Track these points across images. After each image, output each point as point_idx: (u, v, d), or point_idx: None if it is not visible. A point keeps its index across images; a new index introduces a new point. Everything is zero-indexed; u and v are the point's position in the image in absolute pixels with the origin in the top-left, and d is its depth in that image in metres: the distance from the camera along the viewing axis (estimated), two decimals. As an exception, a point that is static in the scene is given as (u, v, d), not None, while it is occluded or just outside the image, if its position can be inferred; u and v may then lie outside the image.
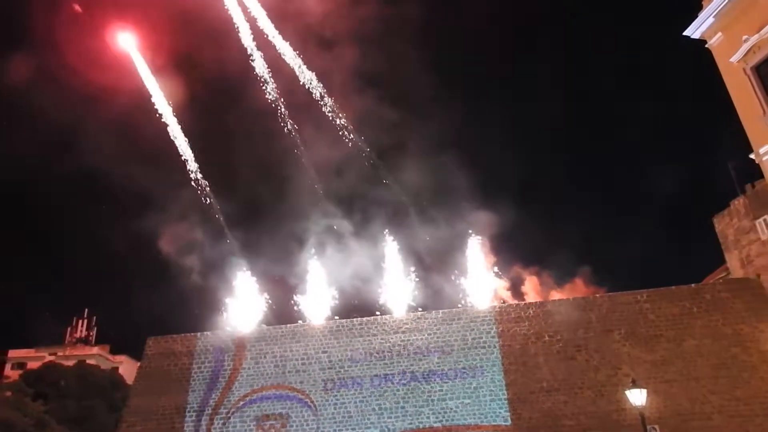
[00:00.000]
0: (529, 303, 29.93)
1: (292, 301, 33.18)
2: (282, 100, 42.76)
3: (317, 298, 33.11)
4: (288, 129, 42.90)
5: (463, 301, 31.52)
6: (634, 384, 21.55)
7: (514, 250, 37.54)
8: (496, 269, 34.35)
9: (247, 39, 41.70)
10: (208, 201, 40.03)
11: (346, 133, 43.25)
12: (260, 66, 42.06)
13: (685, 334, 26.94)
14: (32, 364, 33.23)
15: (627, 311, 27.82)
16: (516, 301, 36.36)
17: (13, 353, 32.20)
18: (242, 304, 33.25)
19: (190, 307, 35.27)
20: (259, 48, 42.27)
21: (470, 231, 35.76)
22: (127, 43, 40.58)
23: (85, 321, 30.77)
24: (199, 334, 31.20)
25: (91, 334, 31.09)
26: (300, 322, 31.65)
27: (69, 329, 30.50)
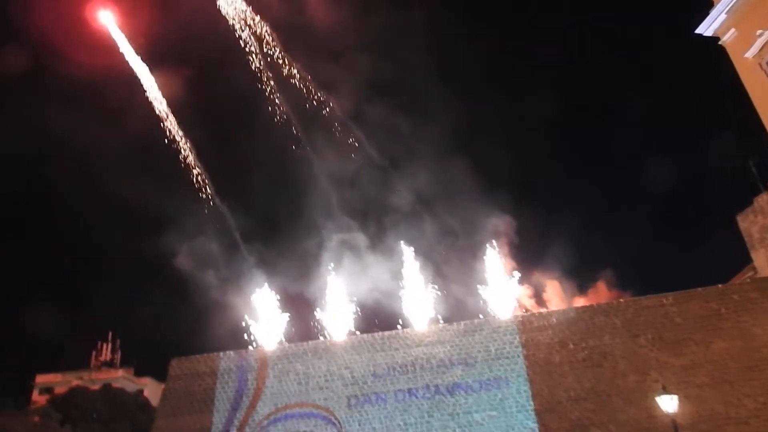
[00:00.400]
0: (552, 311, 29.52)
1: (313, 317, 33.22)
2: (292, 111, 43.10)
3: (338, 313, 33.07)
4: (300, 141, 43.18)
5: (484, 311, 31.21)
6: (665, 390, 21.09)
7: (533, 255, 37.12)
8: (516, 276, 33.97)
9: (257, 53, 42.23)
10: (224, 217, 40.40)
11: (357, 143, 43.45)
12: (270, 78, 42.49)
13: (714, 337, 26.29)
14: (59, 389, 33.63)
15: (653, 315, 27.27)
16: (538, 309, 35.92)
17: (40, 378, 32.66)
18: (263, 322, 33.34)
19: (211, 325, 35.41)
20: (269, 62, 42.72)
21: (488, 237, 35.62)
22: (140, 67, 41.34)
23: (110, 344, 31.14)
24: (221, 353, 31.29)
25: (115, 357, 31.47)
26: (321, 338, 31.63)
27: (94, 353, 30.91)
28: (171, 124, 41.82)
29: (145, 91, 41.47)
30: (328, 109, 43.01)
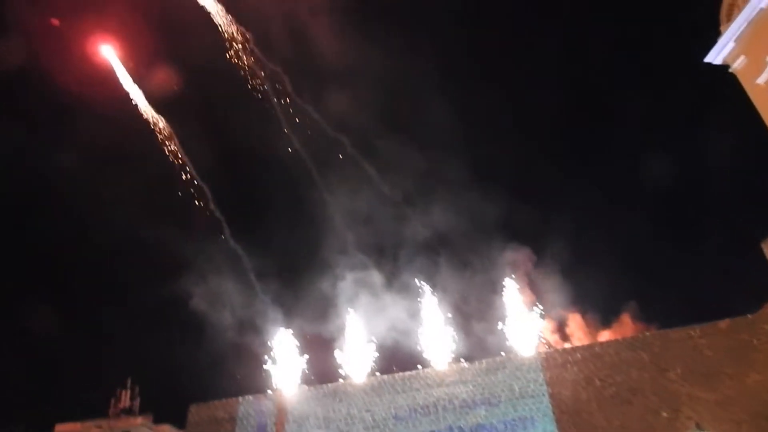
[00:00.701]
0: (576, 346, 28.77)
1: (332, 358, 32.75)
2: (306, 150, 43.59)
3: (356, 354, 32.59)
4: (314, 179, 43.49)
5: (506, 348, 30.48)
6: (699, 427, 20.22)
7: (553, 287, 36.29)
8: (537, 310, 33.20)
9: (270, 94, 43.08)
10: (240, 258, 40.46)
11: (370, 179, 43.67)
12: (283, 118, 43.21)
13: (747, 369, 25.25)
14: (78, 438, 33.47)
15: (681, 348, 26.38)
16: (561, 344, 35.01)
17: (60, 428, 32.50)
18: (282, 364, 32.95)
19: (230, 368, 35.03)
20: (281, 102, 43.52)
21: (506, 271, 35.05)
22: (146, 106, 42.31)
23: (129, 391, 30.99)
24: (240, 398, 30.92)
25: (134, 404, 31.23)
26: (341, 380, 31.09)
27: (113, 400, 30.75)
28: (187, 166, 42.49)
29: (160, 135, 42.41)
30: (340, 146, 43.54)
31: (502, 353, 30.10)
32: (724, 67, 26.62)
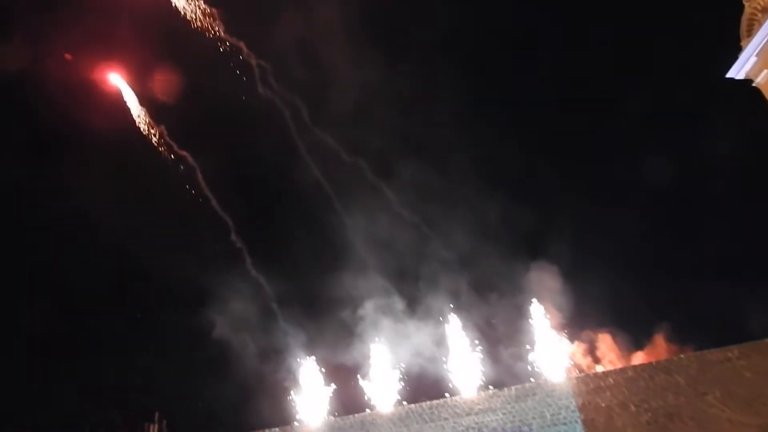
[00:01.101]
0: (608, 371, 27.94)
1: (357, 386, 32.34)
2: (324, 176, 43.81)
3: (382, 383, 32.15)
4: (334, 205, 43.59)
5: (535, 374, 29.78)
6: (744, 455, 19.29)
7: (581, 307, 35.36)
8: (566, 334, 32.41)
9: (287, 120, 43.65)
10: (263, 288, 40.51)
11: (389, 203, 43.60)
12: (301, 143, 43.60)
13: (791, 392, 24.24)
14: (107, 474, 33.49)
15: (719, 371, 25.43)
16: (593, 367, 34.10)
17: (88, 463, 32.89)
18: (307, 394, 32.64)
19: (254, 399, 34.81)
20: (299, 128, 44.01)
21: (531, 292, 34.43)
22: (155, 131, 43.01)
23: (156, 425, 31.03)
24: (267, 431, 30.63)
25: (162, 437, 31.45)
26: (368, 410, 30.62)
27: (140, 435, 30.97)
28: (208, 195, 42.97)
29: (181, 166, 43.09)
30: (358, 171, 43.65)
31: (532, 379, 29.44)
32: (747, 82, 26.25)
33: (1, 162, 41.82)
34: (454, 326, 33.14)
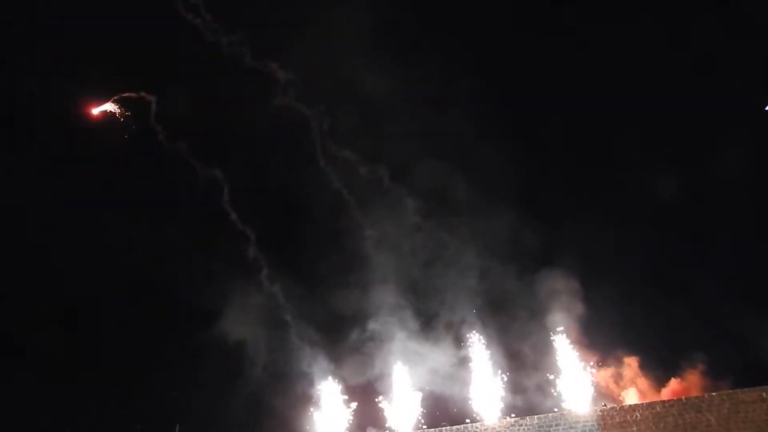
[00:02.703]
0: (635, 405, 27.09)
1: (377, 409, 32.14)
2: (343, 186, 43.61)
3: (403, 405, 31.90)
4: (354, 218, 43.31)
5: (559, 404, 29.10)
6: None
7: (609, 334, 34.28)
8: (592, 362, 31.54)
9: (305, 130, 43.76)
10: (281, 304, 40.49)
11: (410, 215, 43.18)
12: (320, 154, 43.52)
13: (829, 436, 23.12)
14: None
15: (752, 411, 24.43)
16: (619, 392, 33.19)
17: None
18: (327, 414, 32.59)
19: (274, 416, 34.79)
20: (317, 137, 43.98)
21: (557, 321, 33.67)
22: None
23: (176, 438, 31.57)
24: (286, 450, 30.70)
25: (182, 451, 31.83)
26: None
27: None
28: (229, 210, 43.18)
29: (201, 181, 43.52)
30: (379, 184, 43.35)
31: (556, 409, 28.78)
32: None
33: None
34: (478, 350, 32.74)
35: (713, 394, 26.15)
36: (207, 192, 44.37)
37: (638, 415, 26.08)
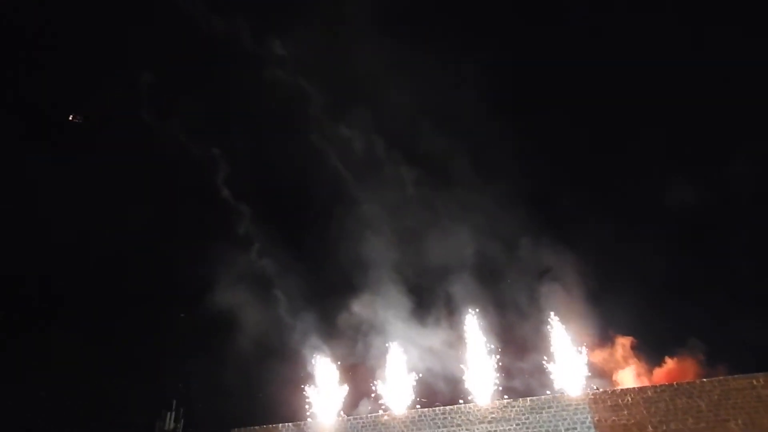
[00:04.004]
0: (627, 389, 27.40)
1: (372, 387, 32.45)
2: (342, 165, 43.29)
3: (397, 384, 32.20)
4: (351, 197, 43.05)
5: (552, 387, 29.37)
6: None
7: (605, 318, 34.42)
8: (586, 345, 31.70)
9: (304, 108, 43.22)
10: (282, 282, 40.50)
11: (412, 197, 42.95)
12: (319, 133, 43.16)
13: (818, 425, 23.44)
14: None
15: (743, 398, 24.73)
16: (610, 374, 33.54)
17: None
18: (322, 392, 32.91)
19: (270, 392, 35.17)
20: (315, 115, 43.59)
21: (552, 305, 33.83)
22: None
23: (173, 413, 31.80)
24: (281, 425, 31.06)
25: (178, 426, 32.08)
26: (381, 411, 30.75)
27: (157, 422, 31.63)
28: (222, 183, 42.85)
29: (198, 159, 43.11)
30: (378, 162, 43.02)
31: (548, 392, 29.09)
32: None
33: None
34: (473, 333, 32.92)
35: (704, 380, 26.45)
36: (201, 167, 44.15)
37: (630, 399, 26.37)
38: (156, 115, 44.27)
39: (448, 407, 29.44)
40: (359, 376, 33.83)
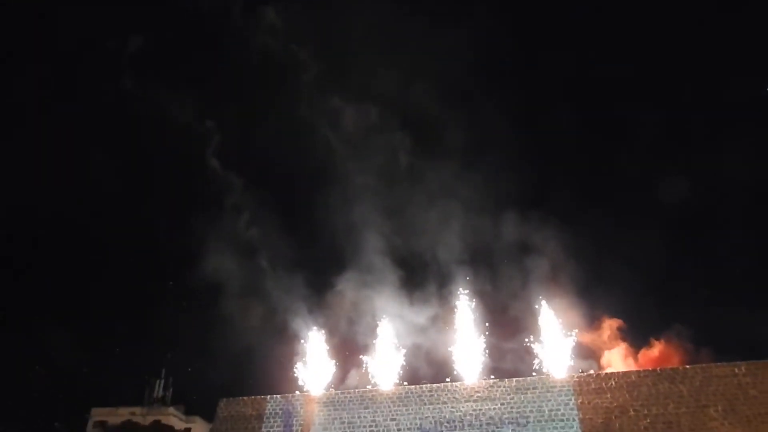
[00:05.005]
0: (611, 373, 27.90)
1: (361, 362, 32.78)
2: (339, 139, 43.14)
3: (385, 361, 32.52)
4: (347, 173, 42.93)
5: (538, 369, 29.82)
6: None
7: (594, 303, 34.75)
8: (573, 330, 32.07)
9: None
10: (276, 257, 40.48)
11: (408, 175, 42.90)
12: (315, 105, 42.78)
13: (796, 413, 24.01)
14: (113, 420, 34.72)
15: (723, 385, 25.27)
16: (601, 362, 33.91)
17: (96, 411, 34.04)
18: (311, 366, 33.16)
19: (260, 365, 35.45)
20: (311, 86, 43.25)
21: (541, 289, 34.12)
22: None
23: (162, 382, 32.02)
24: (269, 397, 31.28)
25: (167, 393, 32.34)
26: (369, 386, 31.09)
27: (147, 390, 31.85)
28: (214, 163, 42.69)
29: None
30: (376, 140, 42.84)
31: (534, 373, 29.55)
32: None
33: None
34: (463, 313, 33.24)
35: (687, 366, 27.01)
36: (191, 137, 43.85)
37: (613, 383, 26.86)
38: (140, 83, 43.76)
39: (435, 385, 29.82)
40: (348, 353, 34.17)
